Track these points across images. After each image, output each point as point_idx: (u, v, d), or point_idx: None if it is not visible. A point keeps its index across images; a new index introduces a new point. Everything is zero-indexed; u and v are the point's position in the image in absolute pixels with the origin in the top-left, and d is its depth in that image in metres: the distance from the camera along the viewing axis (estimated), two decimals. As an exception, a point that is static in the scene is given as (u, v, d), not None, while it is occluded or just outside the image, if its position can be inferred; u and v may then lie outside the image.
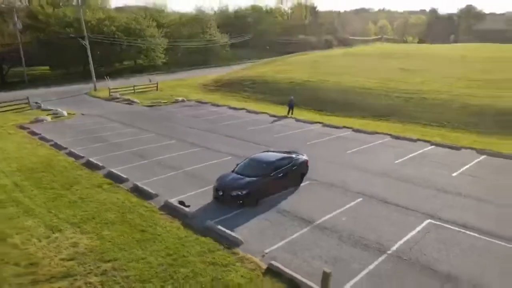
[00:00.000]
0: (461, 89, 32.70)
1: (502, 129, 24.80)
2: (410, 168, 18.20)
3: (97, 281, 9.63)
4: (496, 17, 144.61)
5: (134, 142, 23.12)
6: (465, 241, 11.55)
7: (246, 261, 10.59)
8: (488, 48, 59.45)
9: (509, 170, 17.94)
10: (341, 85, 37.44)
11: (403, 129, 25.87)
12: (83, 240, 11.58)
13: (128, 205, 14.21)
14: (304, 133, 25.32)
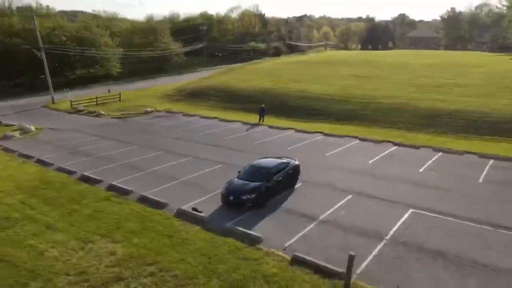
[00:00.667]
0: (412, 93, 36.61)
1: (449, 129, 28.55)
2: (383, 166, 20.84)
3: (150, 281, 10.77)
4: (425, 25, 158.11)
5: (121, 155, 23.69)
6: (444, 224, 14.08)
7: (271, 254, 12.22)
8: (426, 54, 65.83)
9: (462, 163, 21.17)
10: (304, 92, 40.07)
11: (367, 132, 28.77)
12: (117, 248, 12.53)
13: (144, 214, 15.22)
14: (281, 139, 27.33)
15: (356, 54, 73.10)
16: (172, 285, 10.60)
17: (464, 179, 18.81)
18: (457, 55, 67.63)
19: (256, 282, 10.72)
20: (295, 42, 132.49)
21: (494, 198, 16.48)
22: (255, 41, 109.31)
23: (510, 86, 36.64)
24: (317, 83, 43.79)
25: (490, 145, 24.87)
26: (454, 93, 35.93)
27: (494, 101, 32.17)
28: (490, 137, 26.63)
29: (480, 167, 20.53)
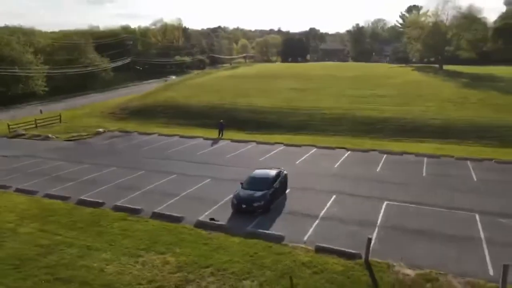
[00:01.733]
0: (346, 104, 42.12)
1: (384, 134, 34.11)
2: (347, 169, 24.90)
3: (214, 279, 12.85)
4: (331, 37, 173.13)
5: (105, 177, 24.37)
6: (412, 210, 18.25)
7: (297, 248, 15.03)
8: (345, 67, 74.11)
9: (404, 162, 26.17)
10: (252, 106, 43.37)
11: (320, 140, 32.96)
12: (168, 258, 14.25)
13: (169, 228, 16.91)
14: (249, 152, 30.15)
15: (284, 67, 78.76)
16: (234, 280, 12.83)
17: (412, 174, 23.64)
18: (370, 67, 77.16)
19: (299, 268, 13.45)
20: (217, 54, 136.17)
21: (439, 187, 21.34)
22: (179, 54, 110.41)
23: (421, 95, 44.24)
24: (261, 96, 47.43)
25: (419, 145, 30.64)
26: (379, 103, 42.26)
27: (412, 109, 38.90)
28: (417, 138, 32.60)
29: (419, 164, 25.69)
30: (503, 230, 16.02)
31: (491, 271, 13.15)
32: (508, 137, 30.94)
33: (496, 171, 23.99)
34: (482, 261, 13.78)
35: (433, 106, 39.38)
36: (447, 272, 13.07)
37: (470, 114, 36.35)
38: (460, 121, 34.74)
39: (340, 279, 12.82)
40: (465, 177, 22.93)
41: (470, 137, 31.86)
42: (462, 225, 16.64)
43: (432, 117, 35.99)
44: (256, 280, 12.81)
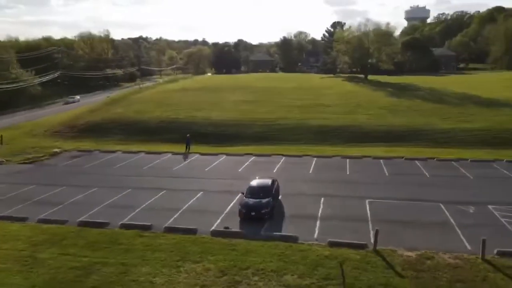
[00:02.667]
0: (298, 114, 45.75)
1: (339, 140, 38.09)
2: (322, 174, 27.93)
3: (259, 278, 14.58)
4: (256, 48, 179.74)
5: (93, 198, 24.33)
6: (391, 205, 21.68)
7: (314, 245, 17.35)
8: (285, 78, 78.72)
9: (366, 164, 30.05)
10: (210, 120, 44.92)
11: (284, 149, 35.69)
12: (206, 265, 15.60)
13: (190, 240, 18.12)
14: (224, 164, 31.85)
15: (226, 80, 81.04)
16: (276, 276, 14.72)
17: (377, 174, 27.45)
18: (304, 78, 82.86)
19: (325, 261, 15.77)
20: (148, 66, 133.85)
21: (402, 183, 25.29)
22: (109, 67, 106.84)
23: (360, 104, 49.67)
24: (215, 109, 49.14)
25: (370, 149, 34.92)
26: (327, 112, 46.65)
27: (357, 117, 43.78)
28: (367, 143, 36.99)
29: (379, 165, 29.71)
30: (465, 215, 20.05)
31: (468, 246, 16.74)
32: (439, 139, 36.73)
33: (440, 167, 28.82)
34: (460, 240, 17.40)
35: (374, 113, 44.70)
36: (437, 251, 16.38)
37: (404, 119, 42.09)
38: (398, 126, 40.14)
39: (362, 265, 15.39)
40: (419, 174, 27.32)
41: (409, 140, 37.10)
42: (434, 214, 20.39)
43: (376, 124, 41.03)
44: (294, 274, 14.85)
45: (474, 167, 28.46)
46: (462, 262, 15.49)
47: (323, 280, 14.37)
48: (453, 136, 36.66)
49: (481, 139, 35.45)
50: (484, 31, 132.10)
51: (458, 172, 27.44)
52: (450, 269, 14.98)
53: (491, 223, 18.98)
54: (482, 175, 26.64)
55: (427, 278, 14.41)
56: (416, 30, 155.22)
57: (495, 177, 26.18)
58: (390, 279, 14.34)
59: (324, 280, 14.35)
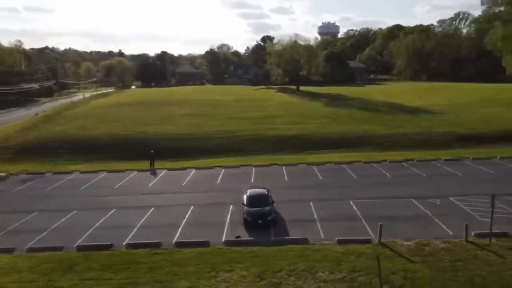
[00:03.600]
0: (250, 125, 47.57)
1: (297, 148, 40.67)
2: (296, 180, 29.89)
3: (295, 279, 15.80)
4: (180, 60, 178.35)
5: (77, 222, 23.19)
6: (373, 203, 24.38)
7: (326, 244, 19.08)
8: (222, 91, 79.99)
9: (332, 170, 32.84)
10: (165, 134, 44.53)
11: (250, 160, 37.09)
12: (240, 273, 16.36)
13: (207, 251, 18.62)
14: (199, 177, 32.18)
15: (161, 93, 79.68)
16: (310, 275, 16.08)
17: (347, 178, 30.29)
18: (240, 89, 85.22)
19: (344, 256, 17.57)
20: (64, 79, 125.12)
21: (371, 184, 28.35)
22: (24, 81, 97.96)
23: (304, 114, 53.27)
24: (166, 124, 48.78)
25: (329, 156, 37.99)
26: (277, 122, 49.27)
27: (306, 126, 47.04)
28: (323, 150, 40.12)
29: (343, 169, 32.68)
30: (435, 207, 23.47)
31: (450, 232, 19.89)
32: (383, 143, 41.33)
33: (395, 168, 32.64)
34: (441, 228, 20.53)
35: (320, 122, 48.43)
36: (428, 238, 19.21)
37: (348, 127, 46.38)
38: (345, 133, 44.16)
39: (372, 255, 17.40)
40: (382, 175, 30.79)
41: (357, 145, 41.14)
42: (410, 208, 23.52)
43: (325, 132, 44.59)
44: (324, 271, 16.38)
45: (422, 166, 32.89)
46: (452, 245, 18.46)
47: (352, 273, 16.12)
48: (393, 140, 41.55)
49: (417, 142, 40.83)
50: (388, 46, 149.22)
51: (412, 171, 31.51)
52: (446, 251, 17.81)
53: (458, 212, 22.59)
54: (431, 172, 30.98)
55: (432, 261, 16.99)
56: (329, 44, 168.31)
57: (442, 174, 30.62)
58: (405, 265, 16.63)
59: (353, 273, 16.12)
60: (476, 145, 39.20)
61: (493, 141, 40.04)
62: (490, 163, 33.13)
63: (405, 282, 15.15)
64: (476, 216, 21.68)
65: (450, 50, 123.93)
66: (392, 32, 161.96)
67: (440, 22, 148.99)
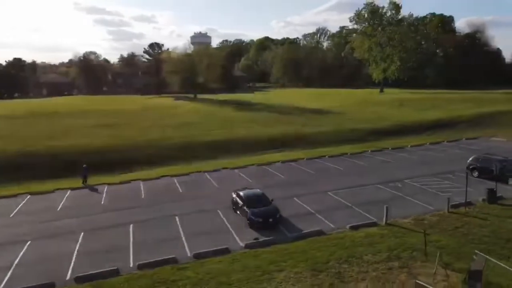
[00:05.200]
0: (175, 133, 45.47)
1: (224, 154, 40.55)
2: (263, 180, 29.99)
3: (349, 265, 16.21)
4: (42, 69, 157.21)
5: (47, 252, 19.11)
6: (346, 192, 26.21)
7: (341, 233, 19.92)
8: (112, 101, 73.65)
9: (291, 168, 33.99)
10: (81, 148, 39.20)
11: (197, 167, 35.45)
12: (293, 270, 15.95)
13: (238, 257, 17.58)
14: (155, 188, 29.43)
15: (42, 105, 69.27)
16: (357, 259, 16.67)
17: (306, 174, 31.67)
18: (136, 99, 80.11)
19: (366, 239, 18.67)
20: None
21: (329, 177, 30.30)
22: None
23: (224, 120, 53.37)
24: (75, 137, 43.60)
25: (270, 156, 38.87)
26: (200, 129, 48.27)
27: (235, 130, 47.28)
28: (259, 152, 40.85)
29: (295, 167, 34.06)
30: (400, 189, 26.49)
31: (431, 207, 22.82)
32: (312, 141, 44.17)
33: (338, 161, 35.34)
34: (419, 205, 23.38)
35: (246, 126, 49.29)
36: (418, 214, 21.75)
37: (275, 129, 48.17)
38: (274, 135, 45.79)
39: (390, 234, 19.09)
40: (334, 168, 33.11)
41: (291, 145, 43.10)
42: (381, 192, 26.07)
43: (255, 135, 45.56)
44: (367, 253, 17.17)
45: (358, 158, 36.59)
46: (441, 217, 21.32)
47: (391, 251, 17.32)
48: (319, 138, 44.98)
49: (338, 138, 45.05)
50: (261, 56, 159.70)
51: (355, 163, 34.71)
52: (442, 222, 20.52)
53: (421, 191, 26.00)
54: (370, 162, 34.70)
55: (440, 231, 19.40)
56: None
57: (379, 163, 34.55)
58: (422, 237, 18.48)
59: (392, 251, 17.33)
60: (385, 137, 45.36)
61: (395, 133, 47.00)
62: (406, 151, 38.85)
63: (441, 250, 16.97)
64: (437, 193, 25.41)
65: (317, 61, 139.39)
66: (263, 43, 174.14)
67: (304, 36, 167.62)
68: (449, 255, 16.72)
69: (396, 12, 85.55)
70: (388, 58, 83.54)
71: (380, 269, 15.87)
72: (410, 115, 55.28)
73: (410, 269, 15.73)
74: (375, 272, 15.64)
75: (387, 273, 15.53)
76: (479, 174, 28.00)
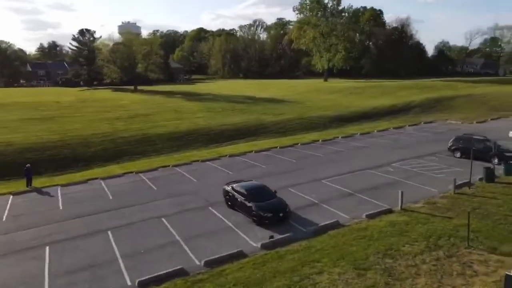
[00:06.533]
0: (129, 125, 40.61)
1: (204, 143, 37.14)
2: (243, 173, 27.26)
3: (392, 259, 14.33)
4: None
5: (24, 271, 14.64)
6: (342, 178, 24.58)
7: (359, 222, 18.09)
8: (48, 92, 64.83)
9: (264, 157, 31.51)
10: (16, 145, 33.04)
11: (161, 161, 31.55)
12: (336, 271, 13.65)
13: (259, 261, 14.84)
14: (125, 187, 25.25)
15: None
16: (395, 251, 14.86)
17: (287, 163, 29.44)
18: (61, 91, 71.56)
19: (399, 227, 17.02)
20: None
21: (316, 164, 28.46)
22: None
23: (179, 110, 49.21)
24: (11, 132, 36.37)
25: (239, 146, 36.26)
26: (157, 120, 44.13)
27: (196, 121, 43.61)
28: (228, 142, 37.93)
29: (272, 156, 31.71)
30: (393, 173, 25.44)
31: (434, 189, 21.83)
32: (278, 129, 42.23)
33: (316, 148, 33.65)
34: (422, 188, 22.33)
35: (205, 116, 45.98)
36: (424, 198, 20.67)
37: (237, 118, 45.50)
38: (238, 124, 43.10)
39: (414, 221, 17.64)
40: (315, 156, 31.26)
41: (257, 134, 40.77)
42: (376, 177, 24.71)
43: (219, 124, 42.47)
44: (404, 244, 15.43)
45: (331, 144, 35.23)
46: (450, 198, 20.38)
47: (427, 240, 15.74)
48: (285, 126, 43.20)
49: (304, 126, 43.67)
50: (197, 47, 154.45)
51: (331, 149, 33.20)
52: (455, 204, 19.54)
53: (415, 174, 25.15)
54: (347, 148, 33.43)
55: (459, 213, 18.34)
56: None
57: (355, 148, 33.33)
58: (451, 221, 17.38)
59: (428, 239, 15.78)
60: (348, 124, 44.98)
61: (357, 119, 46.89)
62: (375, 136, 38.48)
63: (475, 234, 15.83)
64: (431, 175, 24.76)
65: (255, 52, 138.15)
66: (199, 34, 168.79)
67: (241, 28, 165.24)
68: (487, 239, 15.61)
69: (337, 3, 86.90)
70: (333, 48, 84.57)
71: (428, 260, 14.19)
72: (365, 102, 55.85)
73: (459, 258, 14.26)
74: (425, 265, 13.91)
75: (438, 265, 13.89)
76: (462, 155, 28.06)
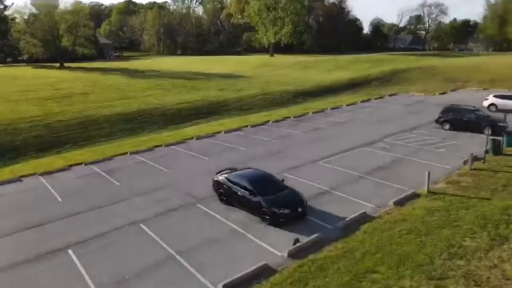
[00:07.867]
0: (64, 107, 33.93)
1: (154, 125, 31.91)
2: (222, 160, 23.10)
3: (462, 258, 11.47)
4: None
5: None
6: (341, 158, 21.53)
7: (389, 211, 15.12)
8: None
9: (241, 136, 27.45)
10: None
11: (118, 147, 26.17)
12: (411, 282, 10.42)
13: (296, 277, 11.19)
14: (91, 182, 19.82)
15: None
16: (461, 243, 12.11)
17: (267, 143, 25.73)
18: None
19: (433, 216, 14.30)
20: None
21: (302, 143, 25.14)
22: None
23: (121, 88, 42.85)
24: None
25: (202, 127, 31.70)
26: (102, 100, 37.99)
27: (147, 99, 37.96)
28: (181, 123, 33.01)
29: (244, 136, 27.72)
30: (391, 149, 22.89)
31: (448, 166, 19.63)
32: (242, 106, 38.20)
33: (294, 126, 30.34)
34: (434, 165, 19.60)
35: (153, 95, 40.21)
36: (439, 177, 18.25)
37: (195, 96, 40.44)
38: (200, 101, 38.38)
39: (453, 206, 15.03)
40: (292, 134, 27.87)
41: (220, 112, 36.27)
42: (378, 156, 21.83)
43: (175, 103, 37.34)
44: (460, 236, 12.70)
45: (306, 120, 32.04)
46: (471, 176, 18.12)
47: (485, 229, 13.08)
48: (249, 103, 39.26)
49: (268, 102, 40.07)
50: (126, 21, 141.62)
51: (309, 126, 29.92)
52: (479, 182, 17.31)
53: (415, 149, 22.74)
54: (325, 124, 30.34)
55: (492, 191, 16.18)
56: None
57: (334, 124, 30.38)
58: (488, 204, 15.01)
59: (485, 228, 13.18)
60: (312, 98, 42.27)
61: (320, 94, 44.37)
62: (345, 110, 36.04)
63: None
64: (432, 149, 22.66)
65: (192, 27, 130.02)
66: (127, 8, 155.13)
67: (174, 1, 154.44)
68: (549, 222, 13.46)
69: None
70: (279, 21, 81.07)
71: (506, 257, 11.55)
72: (323, 76, 53.55)
73: (537, 249, 11.86)
74: (506, 264, 11.24)
75: (518, 262, 11.33)
76: (451, 127, 26.51)
